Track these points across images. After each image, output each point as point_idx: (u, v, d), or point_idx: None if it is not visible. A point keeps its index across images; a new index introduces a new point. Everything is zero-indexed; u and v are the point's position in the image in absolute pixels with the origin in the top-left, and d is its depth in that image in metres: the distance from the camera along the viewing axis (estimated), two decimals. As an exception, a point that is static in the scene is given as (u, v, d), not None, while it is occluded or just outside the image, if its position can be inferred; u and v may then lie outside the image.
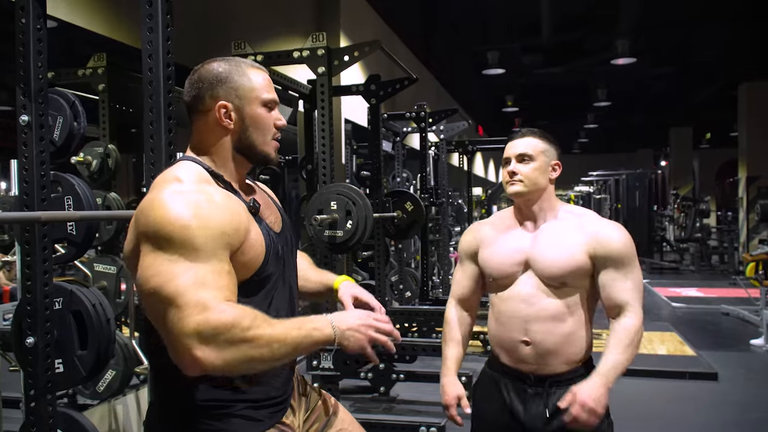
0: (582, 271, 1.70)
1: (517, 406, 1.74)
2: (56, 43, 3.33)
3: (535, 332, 1.71)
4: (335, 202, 3.00)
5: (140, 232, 1.17)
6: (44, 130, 1.91)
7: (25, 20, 1.88)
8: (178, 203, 1.16)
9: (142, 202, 1.20)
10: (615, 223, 1.78)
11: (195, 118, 1.33)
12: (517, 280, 1.76)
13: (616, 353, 1.65)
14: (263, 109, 1.33)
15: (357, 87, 4.19)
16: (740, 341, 6.08)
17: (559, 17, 9.56)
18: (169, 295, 1.09)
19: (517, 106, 15.38)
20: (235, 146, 1.32)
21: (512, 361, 1.77)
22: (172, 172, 1.26)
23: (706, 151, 19.84)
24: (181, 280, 1.09)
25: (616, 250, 1.69)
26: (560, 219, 1.78)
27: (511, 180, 1.76)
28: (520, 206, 1.82)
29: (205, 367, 1.08)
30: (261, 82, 1.33)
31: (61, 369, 2.01)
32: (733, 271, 10.94)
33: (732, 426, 3.85)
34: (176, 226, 1.13)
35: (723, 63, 11.93)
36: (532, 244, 1.75)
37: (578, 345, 1.72)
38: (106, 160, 3.06)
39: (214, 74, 1.30)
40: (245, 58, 3.37)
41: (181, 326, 1.07)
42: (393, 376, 4.13)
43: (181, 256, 1.12)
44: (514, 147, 1.79)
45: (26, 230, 1.89)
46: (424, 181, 5.64)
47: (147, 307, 1.15)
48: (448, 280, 7.05)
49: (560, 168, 1.80)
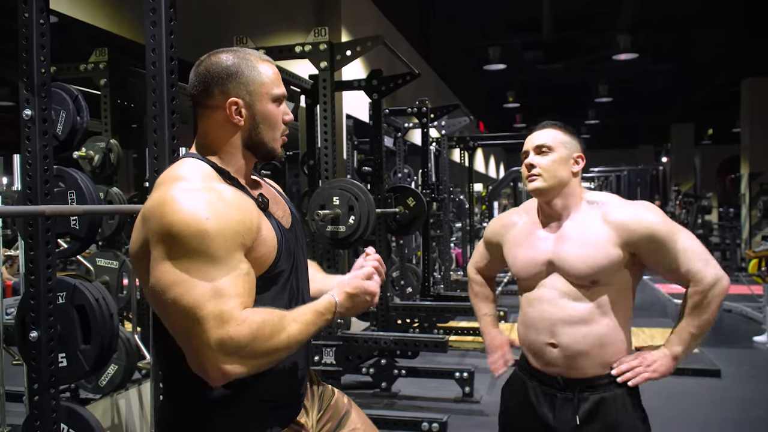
0: (615, 266, 1.59)
1: (547, 412, 1.67)
2: (58, 38, 3.34)
3: (563, 335, 1.62)
4: (338, 197, 3.00)
5: (151, 234, 1.13)
6: (47, 124, 1.91)
7: (28, 15, 1.88)
8: (189, 203, 1.12)
9: (150, 201, 1.17)
10: (638, 203, 1.66)
11: (202, 113, 1.28)
12: (542, 282, 1.67)
13: (681, 322, 1.63)
14: (273, 105, 1.29)
15: (359, 82, 4.19)
16: (743, 338, 6.08)
17: (560, 13, 9.55)
18: (188, 306, 1.08)
19: (518, 102, 15.36)
20: (244, 143, 1.28)
21: (540, 364, 1.69)
22: (176, 170, 1.23)
23: (707, 147, 19.79)
24: (200, 291, 1.08)
25: (651, 232, 1.58)
26: (583, 212, 1.66)
27: (530, 174, 1.66)
28: (541, 205, 1.72)
29: (230, 377, 1.10)
30: (271, 76, 1.29)
31: (64, 363, 2.01)
32: (735, 268, 10.91)
33: (734, 423, 3.85)
34: (191, 230, 1.10)
35: (725, 59, 11.91)
36: (557, 244, 1.66)
37: (613, 347, 1.63)
38: (108, 155, 3.06)
39: (223, 67, 1.25)
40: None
41: (204, 339, 1.07)
42: (395, 372, 4.14)
43: (197, 263, 1.10)
44: (532, 139, 1.70)
45: (29, 224, 1.89)
46: (426, 176, 5.64)
47: (165, 316, 1.13)
48: (449, 276, 7.05)
49: (584, 161, 1.69)
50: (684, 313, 1.63)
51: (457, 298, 5.69)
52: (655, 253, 1.60)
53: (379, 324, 4.34)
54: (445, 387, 4.24)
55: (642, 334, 5.69)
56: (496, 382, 4.56)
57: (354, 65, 6.35)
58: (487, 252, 1.94)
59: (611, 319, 1.62)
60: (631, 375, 1.61)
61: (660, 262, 1.61)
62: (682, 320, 1.63)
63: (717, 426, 3.81)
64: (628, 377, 1.61)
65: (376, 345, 3.36)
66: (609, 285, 1.61)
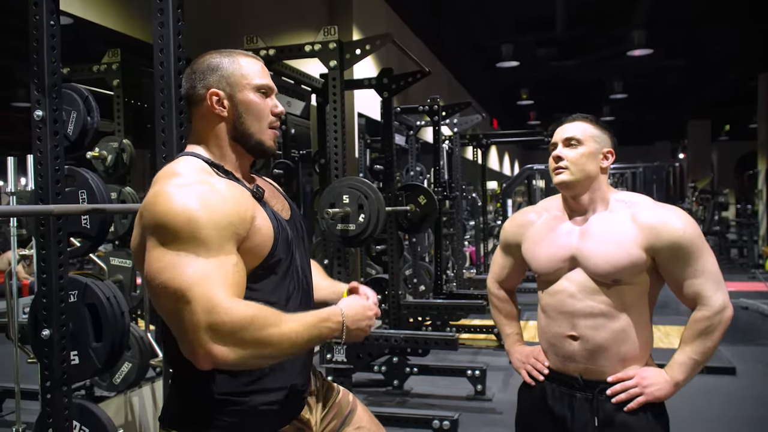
0: (637, 268, 1.55)
1: (565, 413, 1.64)
2: (72, 39, 3.38)
3: (583, 327, 1.60)
4: (347, 195, 3.01)
5: (145, 227, 1.17)
6: (58, 124, 1.93)
7: (38, 16, 1.90)
8: (181, 196, 1.15)
9: (146, 197, 1.21)
10: (673, 209, 1.59)
11: (192, 111, 1.33)
12: (565, 276, 1.64)
13: (684, 348, 1.58)
14: (256, 95, 1.31)
15: (369, 80, 4.18)
16: (759, 335, 6.01)
17: (574, 9, 9.47)
18: (178, 290, 1.09)
19: (532, 99, 15.27)
20: (230, 135, 1.31)
21: (560, 361, 1.67)
22: (171, 168, 1.26)
23: (725, 143, 19.57)
24: (190, 275, 1.10)
25: (676, 240, 1.53)
26: (611, 210, 1.62)
27: (557, 167, 1.63)
28: (567, 199, 1.68)
29: (217, 362, 1.10)
30: (254, 69, 1.32)
31: (76, 361, 2.04)
32: (752, 265, 10.79)
33: (750, 421, 3.81)
34: (181, 219, 1.12)
35: (741, 54, 11.76)
36: (580, 239, 1.62)
37: (632, 343, 1.59)
38: (120, 154, 3.10)
39: (206, 65, 1.31)
40: (257, 52, 3.37)
41: (194, 322, 1.08)
42: (407, 370, 4.14)
43: (188, 251, 1.12)
44: (561, 131, 1.66)
45: (41, 224, 1.91)
46: (438, 174, 5.63)
47: (156, 301, 1.15)
48: (462, 274, 7.03)
49: (613, 156, 1.65)
50: (688, 339, 1.58)
51: (470, 296, 5.67)
52: (673, 264, 1.56)
53: (391, 322, 4.35)
54: (457, 385, 4.24)
55: (657, 331, 5.64)
56: (509, 381, 4.57)
57: (366, 64, 6.36)
58: (506, 258, 1.88)
59: (632, 317, 1.59)
60: (625, 397, 1.57)
61: (675, 274, 1.57)
62: (686, 346, 1.58)
63: (732, 423, 3.77)
64: (622, 399, 1.57)
65: (386, 343, 3.36)
66: (631, 285, 1.58)
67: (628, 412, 1.57)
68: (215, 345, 1.08)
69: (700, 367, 1.59)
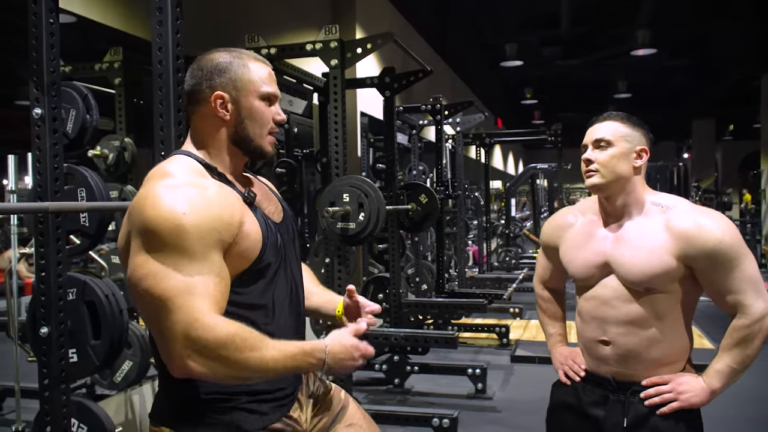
0: (670, 276, 1.52)
1: (598, 413, 1.64)
2: (75, 37, 3.38)
3: (615, 333, 1.59)
4: (347, 194, 3.01)
5: (132, 227, 1.17)
6: (57, 123, 1.93)
7: (37, 14, 1.91)
8: (169, 199, 1.15)
9: (136, 197, 1.21)
10: (710, 213, 1.54)
11: (193, 109, 1.32)
12: (599, 283, 1.63)
13: (722, 355, 1.55)
14: (261, 102, 1.31)
15: (371, 79, 4.18)
16: (762, 335, 5.98)
17: (578, 9, 9.45)
18: (160, 298, 1.10)
19: (536, 98, 15.25)
20: (230, 138, 1.30)
21: (594, 363, 1.67)
22: (163, 167, 1.25)
23: (729, 143, 19.50)
24: (172, 283, 1.11)
25: (713, 248, 1.48)
26: (646, 214, 1.58)
27: (588, 170, 1.60)
28: (602, 201, 1.65)
29: (191, 373, 1.12)
30: (261, 75, 1.31)
31: (75, 359, 2.04)
32: (756, 265, 10.76)
33: (750, 421, 3.80)
34: (168, 226, 1.12)
35: (744, 54, 11.70)
36: (614, 245, 1.59)
37: (665, 349, 1.57)
38: (122, 153, 3.10)
39: (214, 64, 1.29)
40: (258, 51, 3.37)
41: (174, 332, 1.10)
42: (407, 368, 4.14)
43: (172, 258, 1.12)
44: (591, 132, 1.62)
45: (40, 222, 1.92)
46: (440, 173, 5.62)
47: (138, 303, 1.16)
48: (464, 273, 7.03)
49: (647, 155, 1.60)
50: (726, 347, 1.55)
51: (471, 295, 5.67)
52: (711, 273, 1.52)
53: (392, 320, 4.35)
54: (458, 383, 4.24)
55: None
56: (510, 379, 4.56)
57: (370, 62, 6.36)
58: (547, 260, 1.88)
59: (665, 325, 1.57)
60: (659, 401, 1.56)
61: (713, 282, 1.53)
62: (725, 354, 1.56)
63: (731, 424, 3.76)
64: (655, 402, 1.56)
65: (386, 341, 3.36)
66: (665, 293, 1.55)
67: (660, 417, 1.56)
68: (191, 358, 1.10)
69: (738, 375, 1.56)
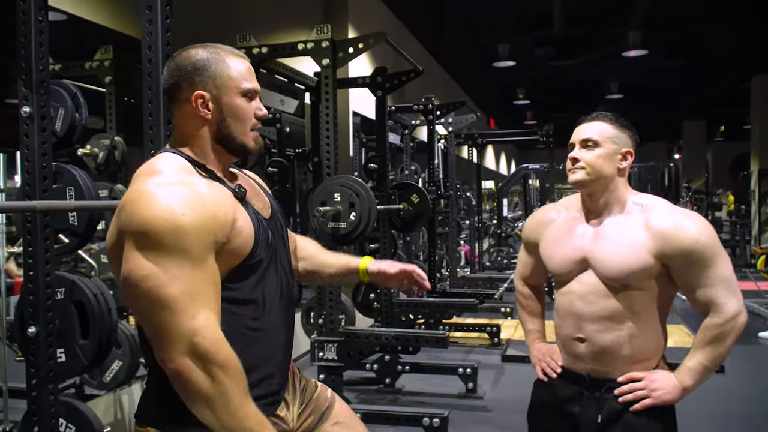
0: (646, 273, 1.55)
1: (573, 409, 1.66)
2: (65, 35, 3.36)
3: (590, 330, 1.61)
4: (339, 194, 3.01)
5: (124, 227, 1.15)
6: (46, 121, 1.93)
7: (26, 12, 1.90)
8: (164, 198, 1.13)
9: (126, 195, 1.18)
10: (688, 214, 1.58)
11: (173, 107, 1.30)
12: (576, 278, 1.65)
13: (695, 353, 1.58)
14: (242, 99, 1.29)
15: (363, 79, 4.18)
16: (748, 334, 6.02)
17: (571, 9, 9.48)
18: (163, 300, 1.10)
19: (529, 98, 15.28)
20: (213, 137, 1.29)
21: (570, 360, 1.70)
22: (152, 165, 1.23)
23: (719, 144, 19.64)
24: (175, 287, 1.10)
25: (689, 248, 1.51)
26: (627, 213, 1.61)
27: (573, 167, 1.62)
28: (584, 198, 1.68)
29: (182, 377, 1.12)
30: (241, 70, 1.29)
31: (63, 358, 2.03)
32: (744, 264, 10.83)
33: (738, 419, 3.83)
34: (166, 226, 1.11)
35: (736, 56, 11.79)
36: (593, 241, 1.62)
37: (639, 346, 1.60)
38: (112, 152, 3.09)
39: (192, 62, 1.27)
40: (250, 50, 3.36)
41: (177, 334, 1.10)
42: (398, 368, 4.14)
43: (172, 259, 1.11)
44: (579, 131, 1.65)
45: (28, 221, 1.91)
46: (432, 173, 5.63)
47: (133, 303, 1.15)
48: (455, 273, 7.04)
49: (632, 156, 1.64)
50: (699, 345, 1.58)
51: (463, 295, 5.68)
52: (686, 271, 1.55)
53: (384, 320, 4.35)
54: (449, 383, 4.25)
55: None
56: (500, 379, 4.57)
57: (362, 62, 6.36)
58: (528, 256, 1.89)
59: (640, 322, 1.59)
60: (632, 398, 1.58)
61: (688, 281, 1.56)
62: (697, 352, 1.58)
63: (721, 422, 3.78)
64: (628, 399, 1.58)
65: (377, 341, 3.36)
66: (640, 290, 1.57)
67: (633, 413, 1.58)
68: (188, 360, 1.11)
69: (710, 373, 1.59)
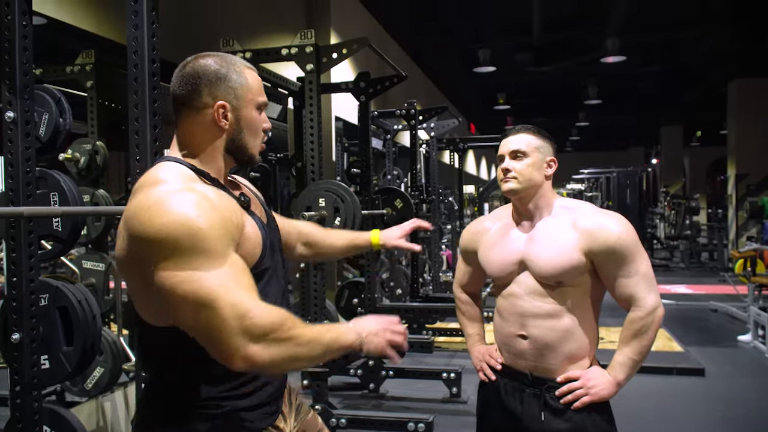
0: (578, 270, 1.66)
1: (516, 407, 1.74)
2: (45, 39, 3.33)
3: (531, 327, 1.70)
4: (323, 199, 3.02)
5: (141, 239, 1.12)
6: (30, 126, 1.91)
7: (10, 17, 1.88)
8: (176, 205, 1.12)
9: (132, 206, 1.16)
10: (610, 214, 1.71)
11: (186, 114, 1.28)
12: (515, 280, 1.75)
13: (622, 348, 1.68)
14: (256, 112, 1.31)
15: (346, 84, 4.20)
16: (728, 337, 6.13)
17: (550, 16, 9.59)
18: (202, 301, 1.08)
19: (509, 104, 15.42)
20: (227, 147, 1.29)
21: (512, 359, 1.77)
22: (154, 175, 1.21)
23: (696, 149, 19.95)
24: (208, 285, 1.09)
25: (612, 244, 1.64)
26: (555, 215, 1.74)
27: (505, 177, 1.74)
28: (515, 204, 1.80)
29: (253, 363, 1.10)
30: (256, 84, 1.31)
31: (46, 365, 2.01)
32: (722, 268, 11.01)
33: (718, 421, 3.89)
34: (184, 231, 1.10)
35: (713, 61, 12.00)
36: (527, 244, 1.73)
37: (578, 341, 1.69)
38: (94, 156, 3.06)
39: (212, 71, 1.26)
40: (234, 55, 3.38)
41: (227, 328, 1.08)
42: (382, 373, 4.15)
43: (197, 261, 1.10)
44: (507, 144, 1.76)
45: (11, 226, 1.89)
46: (414, 178, 5.65)
47: (176, 313, 1.12)
48: (438, 278, 7.07)
49: (556, 164, 1.77)
50: (625, 340, 1.68)
51: (446, 300, 5.71)
52: (609, 267, 1.66)
53: (367, 325, 4.35)
54: (433, 387, 4.26)
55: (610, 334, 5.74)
56: (484, 383, 4.60)
57: (344, 68, 6.37)
58: (466, 265, 1.99)
59: (576, 317, 1.69)
60: (571, 398, 1.67)
61: (611, 276, 1.67)
62: (624, 347, 1.69)
63: (701, 424, 3.84)
64: (568, 400, 1.67)
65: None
66: (574, 287, 1.68)
67: (574, 410, 1.67)
68: (251, 347, 1.09)
69: (638, 365, 1.69)
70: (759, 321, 5.69)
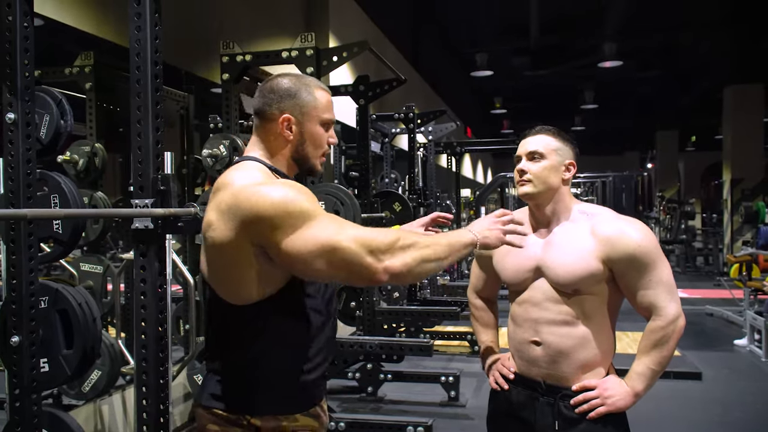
0: (595, 278, 1.61)
1: (529, 416, 1.70)
2: (44, 41, 3.31)
3: (545, 333, 1.65)
4: (323, 202, 3.01)
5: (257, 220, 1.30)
6: (30, 128, 1.90)
7: (11, 18, 1.87)
8: (271, 189, 1.33)
9: (230, 199, 1.32)
10: (630, 221, 1.65)
11: (261, 124, 1.48)
12: (530, 286, 1.70)
13: (641, 358, 1.63)
14: (321, 128, 1.48)
15: (345, 87, 4.20)
16: (724, 341, 6.15)
17: (547, 20, 9.62)
18: (329, 245, 1.27)
19: (506, 108, 15.46)
20: (292, 155, 1.48)
21: (525, 366, 1.72)
22: (240, 171, 1.40)
23: (692, 153, 20.03)
24: (328, 232, 1.28)
25: (632, 252, 1.59)
26: (573, 221, 1.68)
27: (521, 180, 1.69)
28: (531, 209, 1.74)
29: (393, 272, 1.29)
30: (324, 102, 1.49)
31: (46, 368, 1.99)
32: (717, 273, 11.05)
33: (715, 425, 3.90)
34: (287, 203, 1.29)
35: (708, 67, 12.05)
36: (544, 250, 1.68)
37: (593, 350, 1.64)
38: (93, 159, 3.05)
39: (285, 88, 1.46)
40: (233, 57, 3.35)
41: (356, 255, 1.27)
42: (380, 376, 4.15)
43: (307, 221, 1.29)
44: (525, 144, 1.71)
45: (12, 228, 1.88)
46: (412, 181, 5.65)
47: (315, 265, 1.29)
48: (435, 281, 7.06)
49: (575, 168, 1.71)
50: (645, 350, 1.63)
51: (444, 303, 5.71)
52: (629, 275, 1.61)
53: (366, 328, 4.35)
54: (431, 391, 4.26)
55: (626, 338, 5.73)
56: (482, 387, 4.59)
57: (342, 71, 6.37)
58: (480, 270, 1.93)
59: (592, 325, 1.64)
60: (587, 408, 1.62)
61: (630, 284, 1.62)
62: (643, 356, 1.63)
63: (699, 428, 3.85)
64: (584, 410, 1.62)
65: (361, 349, 3.36)
66: (591, 295, 1.63)
67: (589, 420, 1.62)
68: (384, 261, 1.28)
69: (658, 375, 1.64)
70: (755, 325, 5.71)
